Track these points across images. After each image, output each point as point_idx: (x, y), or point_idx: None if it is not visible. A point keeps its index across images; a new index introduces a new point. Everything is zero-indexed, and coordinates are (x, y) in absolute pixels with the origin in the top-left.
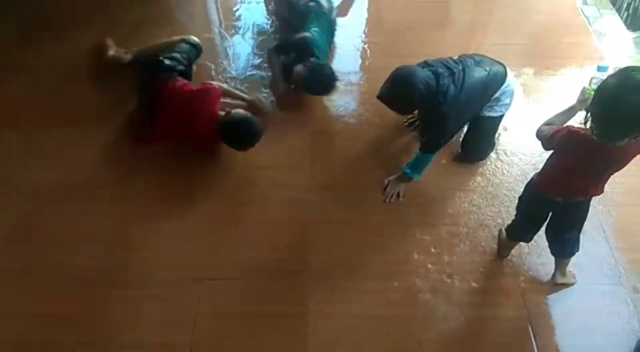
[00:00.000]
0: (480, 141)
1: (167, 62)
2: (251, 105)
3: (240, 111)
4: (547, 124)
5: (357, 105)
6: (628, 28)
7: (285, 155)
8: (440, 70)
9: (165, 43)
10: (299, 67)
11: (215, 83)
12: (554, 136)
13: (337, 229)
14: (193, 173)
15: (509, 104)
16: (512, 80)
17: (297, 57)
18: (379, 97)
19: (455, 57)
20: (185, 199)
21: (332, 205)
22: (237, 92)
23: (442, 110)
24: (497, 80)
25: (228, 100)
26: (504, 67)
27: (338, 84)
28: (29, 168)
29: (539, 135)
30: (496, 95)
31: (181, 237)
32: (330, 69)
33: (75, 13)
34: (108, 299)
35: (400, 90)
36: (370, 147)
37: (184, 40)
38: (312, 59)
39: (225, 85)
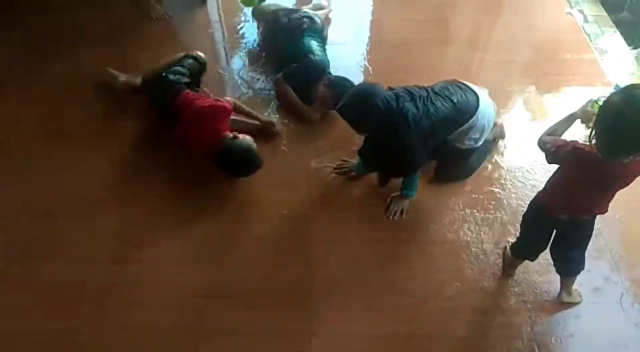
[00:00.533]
0: (450, 168)
1: (170, 77)
2: (264, 126)
3: (246, 139)
4: (548, 133)
5: None
6: (629, 45)
7: (286, 172)
8: (401, 93)
9: (170, 60)
10: (320, 90)
11: (229, 99)
12: (558, 152)
13: (339, 246)
14: (194, 190)
15: (478, 139)
16: (488, 115)
17: (308, 81)
18: (337, 110)
19: (428, 85)
20: (186, 216)
21: (334, 222)
22: (251, 111)
23: (401, 132)
24: (463, 114)
25: (242, 118)
26: (478, 100)
27: None
28: (30, 184)
29: (542, 146)
30: (463, 127)
31: (183, 254)
32: (351, 81)
33: (81, 33)
34: (112, 316)
35: (359, 105)
36: None
37: (186, 56)
38: (328, 76)
39: (239, 102)
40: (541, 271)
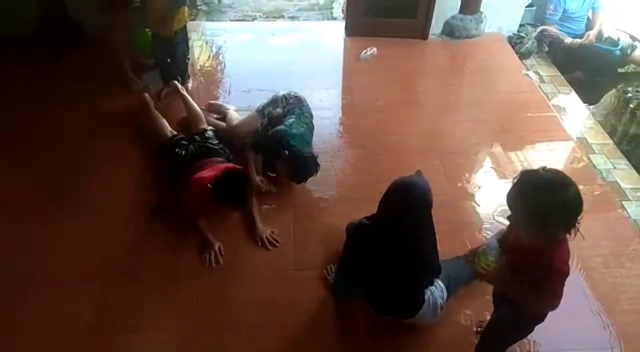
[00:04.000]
0: None
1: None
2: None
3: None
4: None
5: (335, 184)
6: (584, 102)
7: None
8: None
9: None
10: (278, 164)
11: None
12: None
13: (324, 308)
14: (179, 253)
15: None
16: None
17: (274, 151)
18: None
19: None
20: (171, 278)
21: (318, 283)
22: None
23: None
24: None
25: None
26: None
27: (319, 163)
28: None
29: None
30: None
31: (167, 318)
32: (307, 153)
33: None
34: None
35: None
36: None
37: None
38: (285, 152)
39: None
40: None
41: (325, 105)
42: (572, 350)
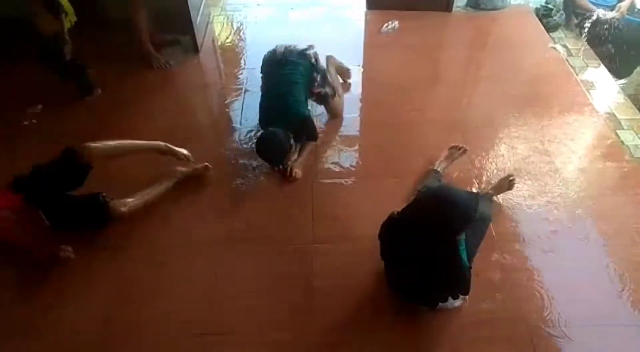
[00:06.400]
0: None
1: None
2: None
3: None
4: None
5: (355, 160)
6: (614, 77)
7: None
8: None
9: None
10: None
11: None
12: None
13: (343, 282)
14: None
15: None
16: None
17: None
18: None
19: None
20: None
21: (336, 257)
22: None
23: None
24: None
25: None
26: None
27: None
28: None
29: None
30: None
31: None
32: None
33: None
34: None
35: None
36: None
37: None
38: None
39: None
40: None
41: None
42: (603, 325)
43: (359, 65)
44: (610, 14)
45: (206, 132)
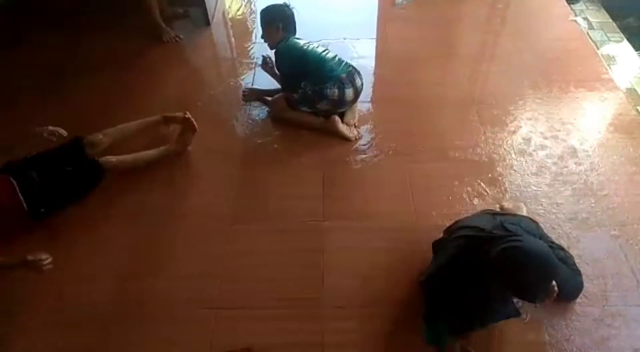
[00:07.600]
0: None
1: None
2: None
3: None
4: None
5: (367, 135)
6: (636, 50)
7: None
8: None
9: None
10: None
11: None
12: None
13: (353, 256)
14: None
15: None
16: None
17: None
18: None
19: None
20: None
21: (346, 233)
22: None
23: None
24: None
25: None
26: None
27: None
28: None
29: None
30: None
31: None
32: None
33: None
34: None
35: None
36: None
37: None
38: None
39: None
40: None
41: (360, 54)
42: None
43: (372, 39)
44: None
45: (216, 107)
